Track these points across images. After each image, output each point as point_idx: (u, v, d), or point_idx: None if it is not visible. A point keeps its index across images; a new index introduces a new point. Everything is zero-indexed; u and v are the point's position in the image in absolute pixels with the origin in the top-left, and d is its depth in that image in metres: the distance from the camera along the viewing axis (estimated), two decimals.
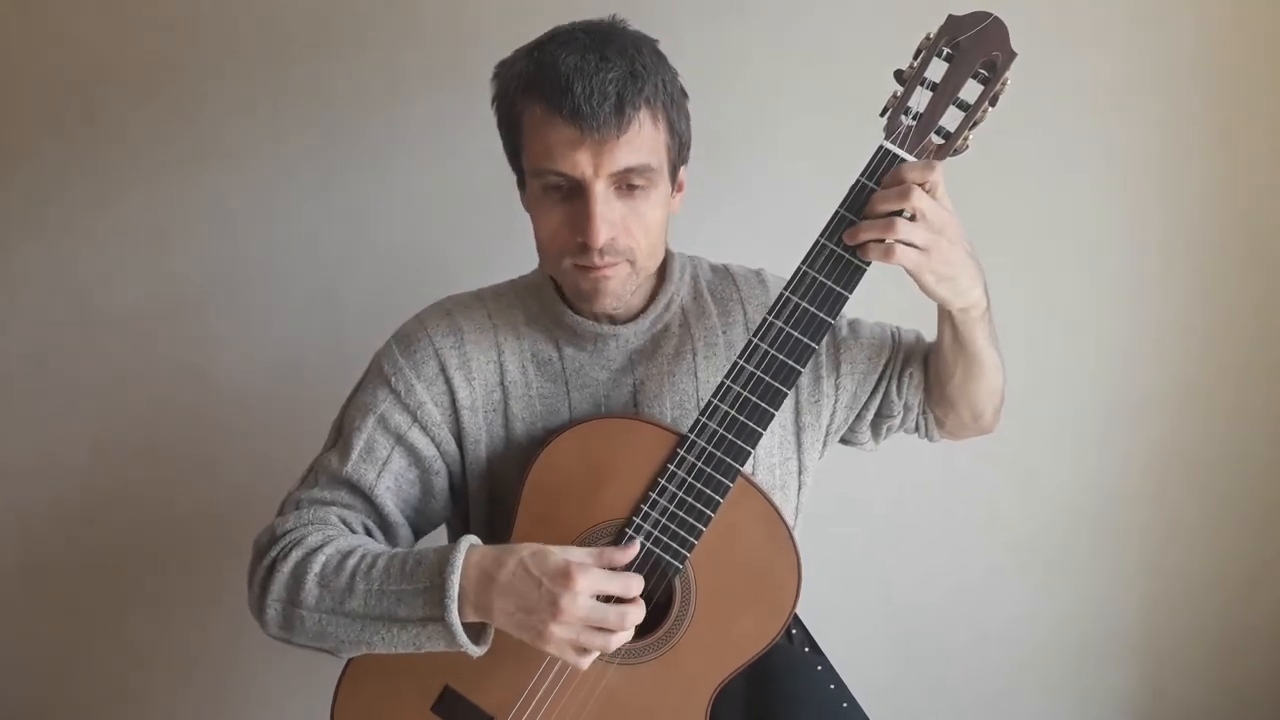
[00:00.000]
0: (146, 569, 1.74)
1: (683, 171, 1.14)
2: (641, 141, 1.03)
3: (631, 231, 1.06)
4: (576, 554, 1.00)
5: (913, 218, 0.97)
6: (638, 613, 0.99)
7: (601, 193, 1.03)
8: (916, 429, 1.27)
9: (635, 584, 1.01)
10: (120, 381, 1.67)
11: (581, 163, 1.02)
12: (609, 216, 1.04)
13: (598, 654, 1.00)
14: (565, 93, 0.99)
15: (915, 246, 0.96)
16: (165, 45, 1.57)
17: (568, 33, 1.05)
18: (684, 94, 1.10)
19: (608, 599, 0.99)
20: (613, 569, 1.01)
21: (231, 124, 1.59)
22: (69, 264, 1.63)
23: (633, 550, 1.04)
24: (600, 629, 0.98)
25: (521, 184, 1.12)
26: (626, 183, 1.04)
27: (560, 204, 1.06)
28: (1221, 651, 1.83)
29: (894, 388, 1.22)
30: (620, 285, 1.09)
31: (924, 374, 1.22)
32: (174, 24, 1.56)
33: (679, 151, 1.10)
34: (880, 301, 1.29)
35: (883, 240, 0.97)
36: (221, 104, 1.58)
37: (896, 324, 1.27)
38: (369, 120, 1.59)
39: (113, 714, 1.80)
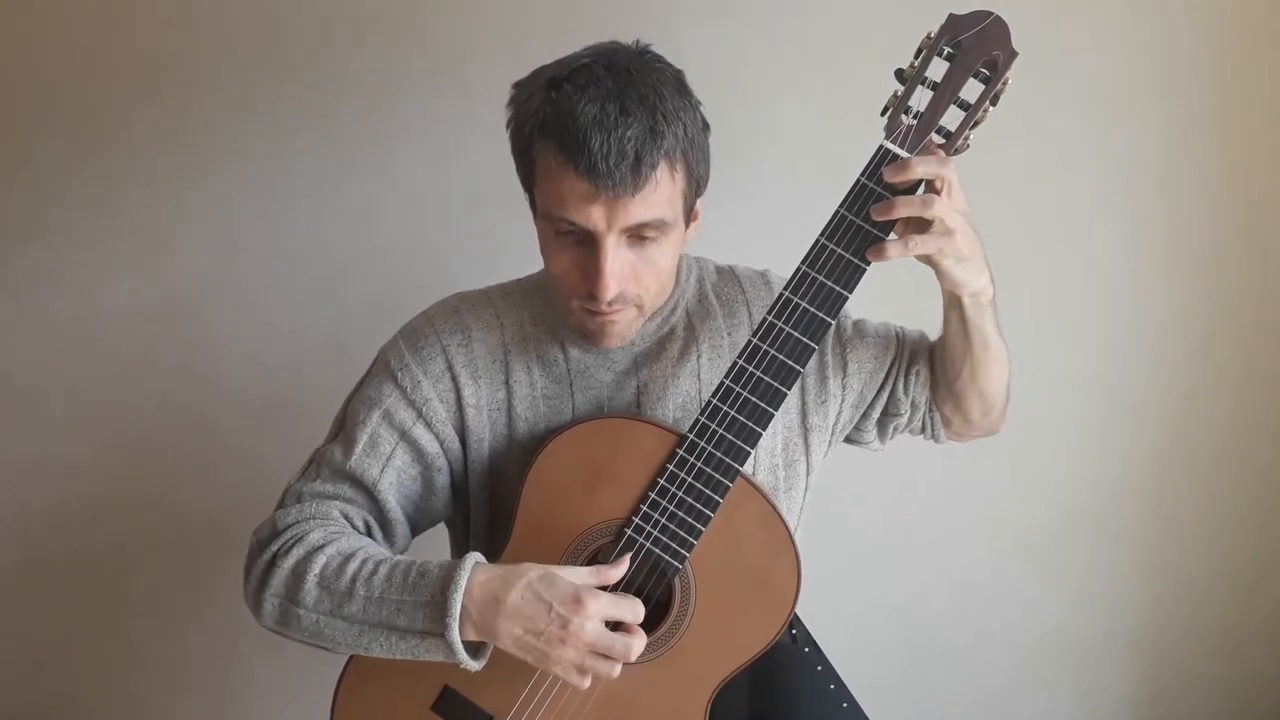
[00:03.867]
0: (147, 569, 1.74)
1: (699, 203, 1.12)
2: (657, 198, 1.01)
3: (641, 279, 1.06)
4: (579, 575, 1.00)
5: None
6: (640, 643, 1.00)
7: (612, 245, 1.02)
8: (924, 429, 1.26)
9: (639, 609, 1.02)
10: (120, 382, 1.67)
11: (594, 216, 1.00)
12: (618, 270, 1.03)
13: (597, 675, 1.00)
14: (582, 148, 0.97)
15: (947, 226, 0.96)
16: (165, 45, 1.57)
17: (588, 71, 1.00)
18: (706, 128, 1.08)
19: (614, 625, 1.00)
20: (612, 588, 1.03)
21: (231, 124, 1.59)
22: (69, 264, 1.63)
23: (623, 566, 1.04)
24: (605, 655, 0.99)
25: (533, 205, 1.11)
26: (639, 234, 1.03)
27: (571, 248, 1.05)
28: (1221, 652, 1.83)
29: (900, 385, 1.22)
30: (626, 328, 1.10)
31: (930, 371, 1.22)
32: (174, 24, 1.56)
33: (696, 192, 1.09)
34: (883, 303, 1.28)
35: (919, 219, 0.96)
36: (221, 104, 1.58)
37: (900, 324, 1.27)
38: (369, 120, 1.59)
39: (112, 714, 1.80)
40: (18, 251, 1.63)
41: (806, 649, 1.29)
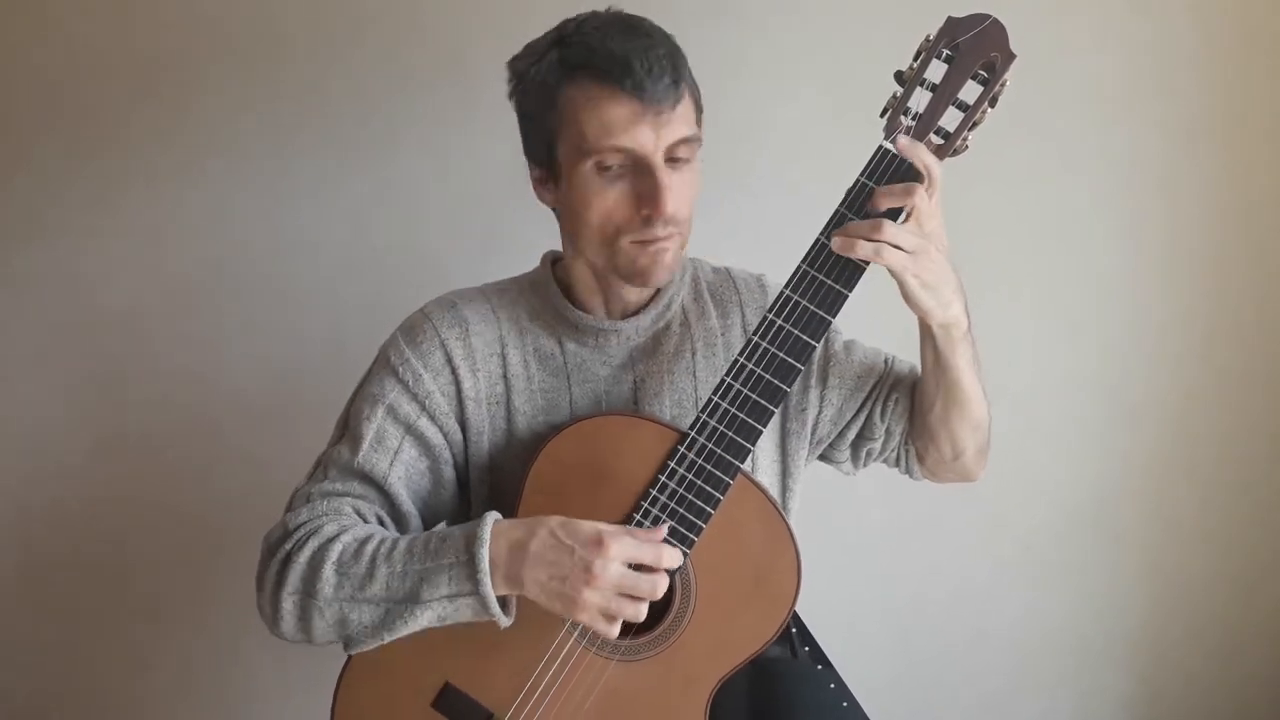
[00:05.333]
0: (146, 570, 1.74)
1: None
2: (687, 113, 1.07)
3: (684, 202, 1.09)
4: (605, 524, 1.00)
5: (906, 218, 0.98)
6: (665, 580, 1.00)
7: (661, 165, 1.05)
8: (898, 462, 1.27)
9: (669, 556, 1.01)
10: (120, 382, 1.67)
11: (643, 137, 1.04)
12: (672, 187, 1.06)
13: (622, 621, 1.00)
14: (627, 69, 1.02)
15: (902, 249, 0.97)
16: (165, 45, 1.57)
17: (592, 21, 1.07)
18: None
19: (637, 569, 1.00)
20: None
21: (231, 124, 1.59)
22: (69, 264, 1.63)
23: (660, 533, 1.03)
24: (631, 596, 0.99)
25: (546, 176, 1.12)
26: (675, 155, 1.06)
27: (616, 182, 1.06)
28: (1221, 652, 1.83)
29: (878, 411, 1.23)
30: (673, 258, 1.11)
31: (910, 403, 1.23)
32: (174, 23, 1.56)
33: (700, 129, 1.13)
34: (880, 328, 1.28)
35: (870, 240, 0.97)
36: (221, 104, 1.58)
37: (894, 353, 1.27)
38: (369, 120, 1.59)
39: (113, 714, 1.80)
40: (18, 251, 1.63)
41: (806, 648, 1.29)
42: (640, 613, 1.00)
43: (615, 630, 1.01)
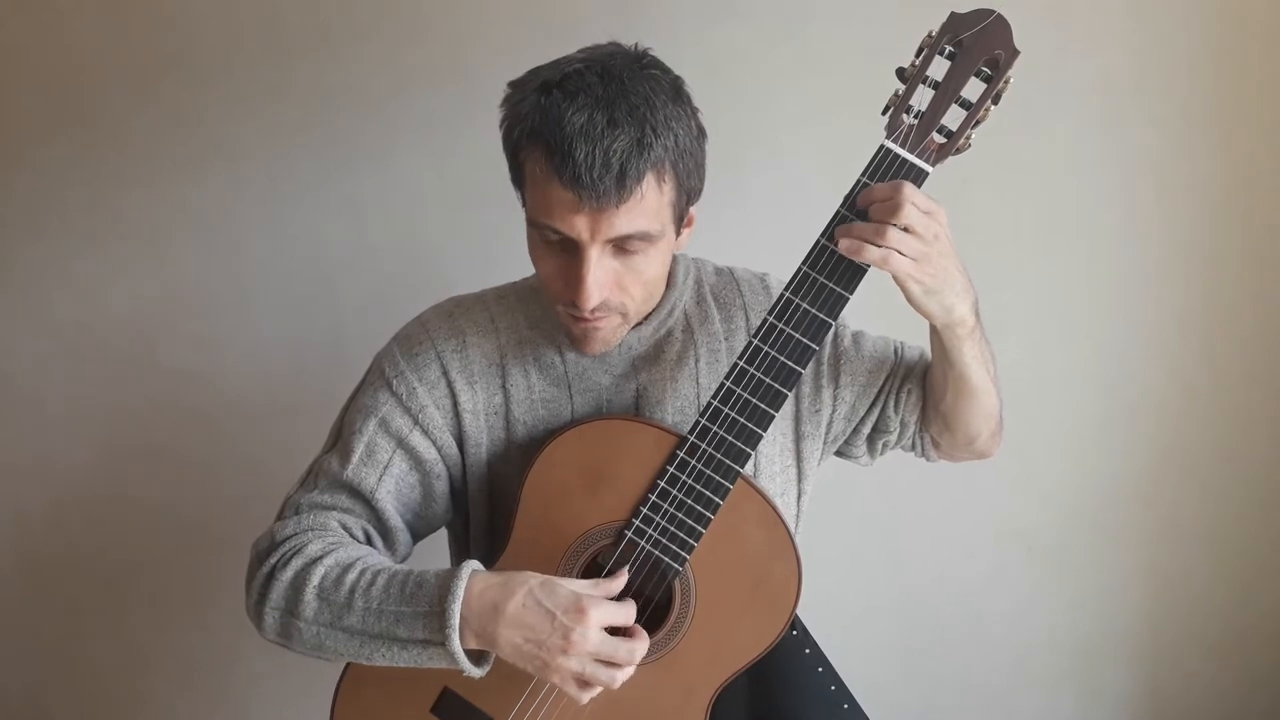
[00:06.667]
0: (146, 569, 1.74)
1: (692, 210, 1.10)
2: (643, 209, 1.00)
3: (626, 288, 1.05)
4: (579, 585, 1.00)
5: (905, 230, 0.96)
6: (643, 646, 1.00)
7: (595, 256, 1.01)
8: (913, 448, 1.27)
9: (632, 611, 1.01)
10: (120, 382, 1.67)
11: (578, 226, 0.99)
12: (601, 280, 1.02)
13: (599, 690, 1.00)
14: (567, 158, 0.96)
15: (904, 255, 0.96)
16: (166, 45, 1.57)
17: (580, 77, 0.98)
18: (701, 135, 1.06)
19: (614, 631, 0.99)
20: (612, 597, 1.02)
21: (232, 124, 1.59)
22: (69, 264, 1.63)
23: (622, 578, 1.03)
24: (608, 663, 0.98)
25: (523, 203, 1.11)
26: (624, 245, 1.02)
27: (556, 254, 1.04)
28: (1220, 651, 1.83)
29: (891, 403, 1.22)
30: (610, 334, 1.09)
31: (922, 392, 1.22)
32: (175, 24, 1.56)
33: (687, 202, 1.07)
34: (884, 315, 1.28)
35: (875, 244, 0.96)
36: (222, 104, 1.58)
37: (901, 339, 1.26)
38: (370, 120, 1.59)
39: (113, 713, 1.80)
40: (19, 252, 1.63)
41: (807, 650, 1.29)
42: (615, 679, 0.99)
43: (588, 696, 1.00)
